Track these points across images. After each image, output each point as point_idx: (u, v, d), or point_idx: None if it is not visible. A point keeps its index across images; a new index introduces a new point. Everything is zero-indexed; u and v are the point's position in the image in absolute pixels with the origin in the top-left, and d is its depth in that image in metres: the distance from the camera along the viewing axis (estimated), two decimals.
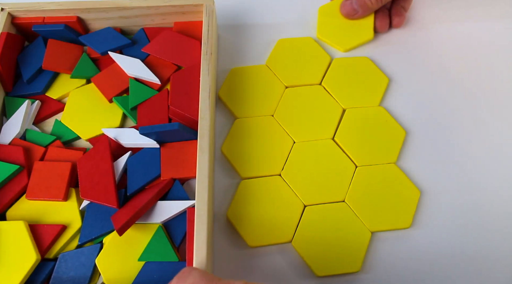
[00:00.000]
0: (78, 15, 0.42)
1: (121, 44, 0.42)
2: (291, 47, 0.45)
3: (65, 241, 0.33)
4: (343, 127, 0.40)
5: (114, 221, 0.32)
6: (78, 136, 0.39)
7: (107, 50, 0.41)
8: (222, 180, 0.38)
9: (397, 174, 0.38)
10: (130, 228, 0.33)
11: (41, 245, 0.32)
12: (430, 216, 0.36)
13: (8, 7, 0.41)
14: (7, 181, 0.35)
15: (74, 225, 0.34)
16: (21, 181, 0.35)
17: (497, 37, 0.47)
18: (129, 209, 0.33)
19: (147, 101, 0.39)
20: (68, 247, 0.34)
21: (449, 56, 0.45)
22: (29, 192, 0.35)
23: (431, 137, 0.40)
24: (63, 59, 0.42)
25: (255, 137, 0.40)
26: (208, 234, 0.30)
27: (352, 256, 0.34)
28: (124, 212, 0.33)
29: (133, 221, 0.32)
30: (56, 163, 0.36)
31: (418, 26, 0.48)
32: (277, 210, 0.36)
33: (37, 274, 0.32)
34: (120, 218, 0.32)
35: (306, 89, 0.43)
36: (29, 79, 0.41)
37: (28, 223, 0.33)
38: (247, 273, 0.34)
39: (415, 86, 0.44)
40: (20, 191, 0.35)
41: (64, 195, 0.34)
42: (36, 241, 0.32)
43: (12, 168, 0.35)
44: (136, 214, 0.32)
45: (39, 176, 0.35)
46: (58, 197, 0.34)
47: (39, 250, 0.32)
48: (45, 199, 0.34)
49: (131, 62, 0.41)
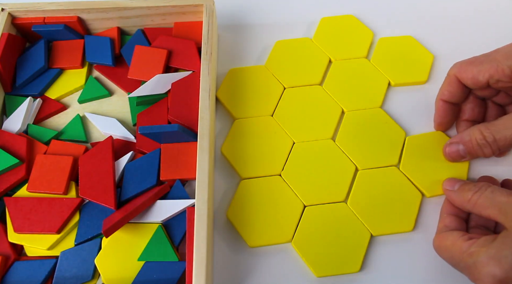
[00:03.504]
0: (78, 15, 0.42)
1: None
2: (290, 48, 0.45)
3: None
4: (344, 130, 0.40)
5: (104, 222, 0.32)
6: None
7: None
8: (222, 180, 0.38)
9: (399, 177, 0.38)
10: (130, 227, 0.33)
11: (59, 219, 0.33)
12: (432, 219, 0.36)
13: (8, 7, 0.41)
14: (3, 172, 0.35)
15: (73, 218, 0.34)
16: (18, 173, 0.36)
17: None
18: (120, 212, 0.33)
19: (147, 110, 0.40)
20: (67, 239, 0.34)
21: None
22: (30, 185, 0.35)
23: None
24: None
25: (255, 137, 0.40)
26: (208, 234, 0.30)
27: (351, 257, 0.34)
28: (115, 214, 0.33)
29: (122, 224, 0.32)
30: (58, 156, 0.36)
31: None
32: (277, 210, 0.36)
33: (38, 272, 0.32)
34: (109, 220, 0.32)
35: (305, 90, 0.43)
36: (22, 84, 0.41)
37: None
38: (247, 273, 0.34)
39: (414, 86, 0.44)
40: (16, 182, 0.35)
41: (65, 188, 0.35)
42: (55, 215, 0.33)
43: (12, 161, 0.35)
44: (125, 217, 0.32)
45: (41, 169, 0.35)
46: (58, 190, 0.35)
47: (58, 225, 0.33)
48: (46, 192, 0.35)
49: (106, 121, 0.40)
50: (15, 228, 0.33)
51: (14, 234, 0.33)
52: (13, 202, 0.34)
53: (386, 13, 0.49)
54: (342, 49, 0.46)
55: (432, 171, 0.38)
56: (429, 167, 0.38)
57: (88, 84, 0.42)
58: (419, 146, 0.39)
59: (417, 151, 0.39)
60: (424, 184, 0.37)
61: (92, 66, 0.44)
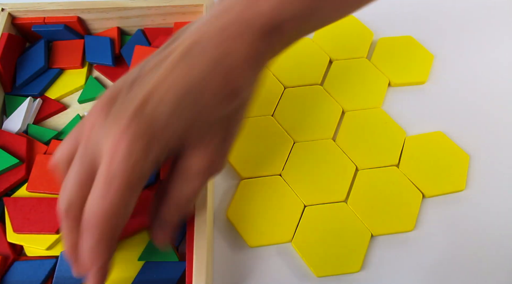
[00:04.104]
0: (78, 15, 0.42)
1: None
2: (290, 48, 0.45)
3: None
4: (344, 130, 0.40)
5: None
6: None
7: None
8: (222, 180, 0.38)
9: (399, 177, 0.38)
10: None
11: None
12: (433, 219, 0.36)
13: (8, 8, 0.41)
14: (3, 172, 0.35)
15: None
16: (17, 173, 0.35)
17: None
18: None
19: None
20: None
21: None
22: (30, 185, 0.35)
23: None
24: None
25: (255, 137, 0.40)
26: (208, 234, 0.30)
27: (352, 257, 0.34)
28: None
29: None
30: None
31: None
32: (277, 210, 0.36)
33: (38, 273, 0.32)
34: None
35: (305, 90, 0.43)
36: (22, 84, 0.41)
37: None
38: (247, 273, 0.34)
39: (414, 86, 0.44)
40: (16, 182, 0.35)
41: None
42: (54, 215, 0.33)
43: (12, 161, 0.35)
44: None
45: (41, 169, 0.35)
46: (58, 191, 0.34)
47: (58, 225, 0.32)
48: (45, 192, 0.35)
49: None
50: (14, 228, 0.33)
51: (13, 234, 0.33)
52: (12, 202, 0.34)
53: (386, 13, 0.49)
54: (342, 49, 0.46)
55: (432, 171, 0.38)
56: (429, 167, 0.38)
57: (88, 84, 0.42)
58: (419, 146, 0.39)
59: (417, 151, 0.39)
60: (424, 184, 0.37)
61: (92, 66, 0.44)
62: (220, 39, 0.23)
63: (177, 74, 0.22)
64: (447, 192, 0.37)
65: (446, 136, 0.40)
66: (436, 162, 0.38)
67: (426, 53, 0.45)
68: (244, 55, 0.23)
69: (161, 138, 0.22)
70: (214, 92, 0.23)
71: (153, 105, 0.22)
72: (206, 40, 0.23)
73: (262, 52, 0.24)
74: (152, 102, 0.22)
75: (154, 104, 0.22)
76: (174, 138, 0.23)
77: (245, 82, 0.24)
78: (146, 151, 0.22)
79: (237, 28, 0.23)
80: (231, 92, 0.23)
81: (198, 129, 0.23)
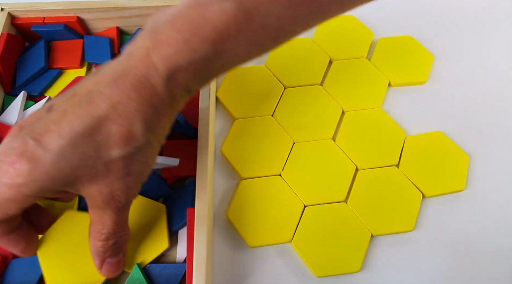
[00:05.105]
0: (78, 15, 0.42)
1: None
2: (290, 48, 0.45)
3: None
4: (344, 130, 0.40)
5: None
6: None
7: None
8: (222, 180, 0.38)
9: (399, 177, 0.38)
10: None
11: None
12: (433, 219, 0.36)
13: (8, 7, 0.41)
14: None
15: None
16: None
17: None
18: None
19: None
20: None
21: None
22: None
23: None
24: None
25: (255, 137, 0.40)
26: (208, 234, 0.30)
27: (352, 257, 0.34)
28: None
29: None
30: None
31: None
32: (277, 210, 0.36)
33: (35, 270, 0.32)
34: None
35: (305, 90, 0.43)
36: (22, 84, 0.41)
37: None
38: (247, 273, 0.34)
39: (414, 86, 0.44)
40: None
41: None
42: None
43: None
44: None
45: None
46: None
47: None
48: None
49: None
50: None
51: None
52: None
53: (386, 13, 0.49)
54: (342, 49, 0.46)
55: (432, 171, 0.38)
56: (429, 167, 0.38)
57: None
58: (419, 146, 0.39)
59: (417, 151, 0.39)
60: (424, 184, 0.37)
61: (91, 66, 0.44)
62: (114, 87, 0.25)
63: (77, 114, 0.24)
64: (447, 192, 0.37)
65: (446, 136, 0.40)
66: (436, 162, 0.38)
67: (426, 53, 0.45)
68: (138, 104, 0.25)
69: (51, 169, 0.24)
70: (107, 134, 0.25)
71: (50, 138, 0.24)
72: (103, 86, 0.25)
73: (161, 98, 0.25)
74: (51, 136, 0.24)
75: (51, 138, 0.24)
76: (67, 171, 0.24)
77: (139, 129, 0.25)
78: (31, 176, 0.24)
79: (133, 77, 0.25)
80: (124, 137, 0.25)
81: (93, 162, 0.25)
